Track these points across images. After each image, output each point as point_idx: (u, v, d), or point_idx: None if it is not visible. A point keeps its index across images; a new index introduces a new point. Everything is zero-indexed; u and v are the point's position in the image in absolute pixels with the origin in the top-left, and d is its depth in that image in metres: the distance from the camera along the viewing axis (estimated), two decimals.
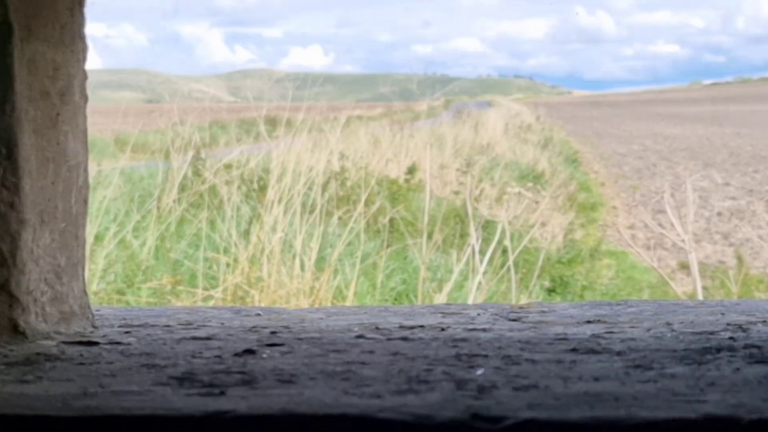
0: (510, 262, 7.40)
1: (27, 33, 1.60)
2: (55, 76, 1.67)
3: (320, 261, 9.45)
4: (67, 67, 1.70)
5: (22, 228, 1.60)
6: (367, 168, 13.78)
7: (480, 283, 7.52)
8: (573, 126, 60.60)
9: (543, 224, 13.68)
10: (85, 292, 1.74)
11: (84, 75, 1.74)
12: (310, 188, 10.21)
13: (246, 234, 9.52)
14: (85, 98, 1.74)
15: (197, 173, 12.64)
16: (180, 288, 8.68)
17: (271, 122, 15.95)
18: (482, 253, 7.80)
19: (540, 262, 9.03)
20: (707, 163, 26.44)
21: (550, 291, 11.77)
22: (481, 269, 7.31)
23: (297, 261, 9.03)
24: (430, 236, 9.13)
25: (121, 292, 8.91)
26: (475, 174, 14.88)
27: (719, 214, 19.74)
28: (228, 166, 12.79)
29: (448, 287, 7.90)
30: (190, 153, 12.90)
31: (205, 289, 8.70)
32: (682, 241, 6.64)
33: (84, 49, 1.74)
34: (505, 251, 8.74)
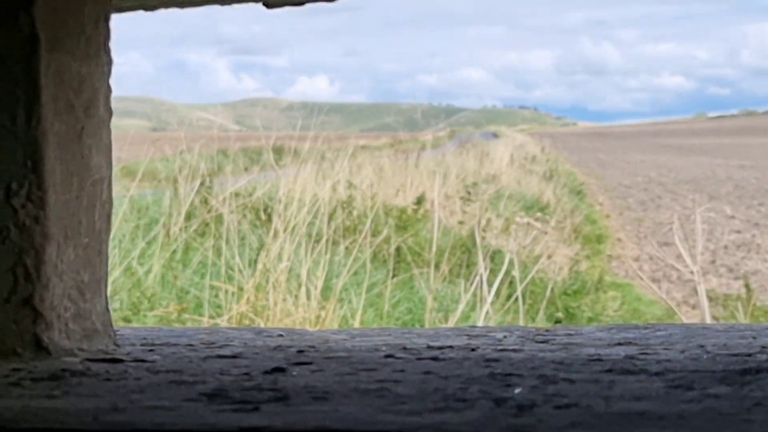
0: (518, 292, 7.37)
1: (53, 45, 1.60)
2: (80, 89, 1.66)
3: (326, 290, 9.43)
4: (92, 80, 1.69)
5: (47, 242, 1.59)
6: (374, 197, 13.78)
7: (488, 312, 7.50)
8: (578, 157, 60.70)
9: (549, 256, 13.67)
10: (107, 310, 1.73)
11: (108, 88, 1.73)
12: (315, 217, 10.22)
13: (252, 262, 9.51)
14: (110, 112, 1.74)
15: (204, 201, 12.64)
16: (186, 316, 8.68)
17: (278, 151, 15.99)
18: (489, 283, 7.79)
19: (547, 293, 8.99)
20: (712, 196, 26.46)
21: (556, 322, 11.75)
22: (489, 299, 7.28)
23: (303, 290, 9.02)
24: (437, 266, 9.12)
25: (126, 320, 8.89)
26: (481, 204, 14.88)
27: (725, 247, 19.73)
28: (235, 195, 12.79)
29: (455, 317, 7.88)
30: (197, 181, 12.90)
31: (211, 317, 8.68)
32: (691, 272, 6.62)
33: (109, 62, 1.74)
34: (511, 282, 8.73)
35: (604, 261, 18.41)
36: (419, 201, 14.14)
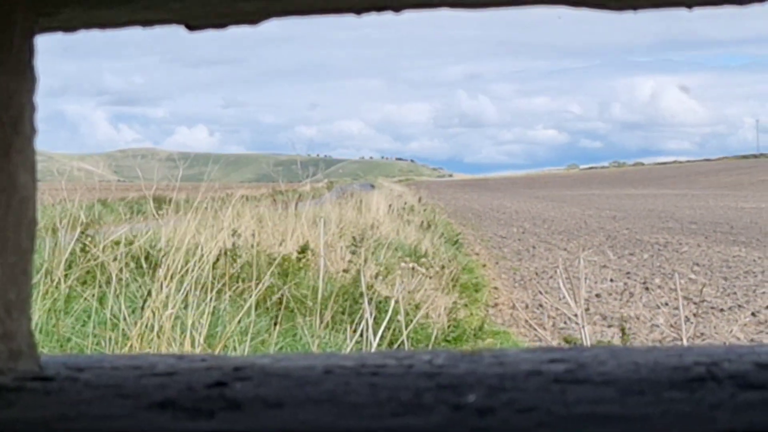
0: (404, 337, 7.50)
1: None
2: (8, 104, 1.65)
3: (211, 338, 9.46)
4: (20, 96, 1.68)
5: None
6: (258, 246, 13.83)
7: None
8: (454, 208, 61.39)
9: (430, 302, 13.86)
10: (31, 332, 1.68)
11: (33, 106, 1.72)
12: (200, 266, 10.23)
13: (136, 310, 9.49)
14: (35, 130, 1.72)
15: (85, 249, 12.54)
16: None
17: (158, 201, 15.93)
18: (374, 330, 7.91)
19: (432, 340, 9.14)
20: (585, 246, 27.02)
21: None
22: (374, 344, 7.40)
23: (188, 337, 9.04)
24: (321, 313, 9.21)
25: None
26: (362, 253, 15.04)
27: (597, 295, 20.16)
28: (116, 243, 12.72)
29: None
30: (78, 230, 12.80)
31: None
32: (575, 315, 6.84)
33: (34, 80, 1.72)
34: (394, 328, 8.87)
35: (481, 309, 18.66)
36: (303, 249, 14.22)
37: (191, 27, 1.75)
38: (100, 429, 1.24)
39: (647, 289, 20.78)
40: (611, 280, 22.28)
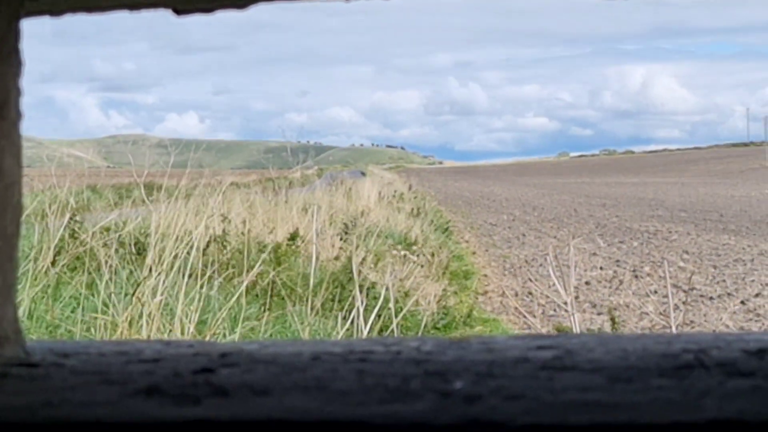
0: (394, 325, 7.50)
1: None
2: None
3: (201, 324, 9.46)
4: (5, 81, 1.66)
5: None
6: (249, 233, 13.82)
7: None
8: (444, 195, 61.44)
9: (420, 290, 13.87)
10: (17, 318, 1.67)
11: (18, 91, 1.70)
12: (189, 253, 10.22)
13: (125, 296, 9.47)
14: (20, 115, 1.70)
15: (74, 236, 12.53)
16: None
17: (147, 187, 15.90)
18: (364, 317, 7.91)
19: (422, 327, 9.15)
20: (575, 234, 27.06)
21: None
22: (365, 331, 7.41)
23: (177, 324, 9.03)
24: (312, 301, 9.20)
25: None
26: (353, 240, 15.05)
27: (587, 283, 20.20)
28: (106, 229, 12.71)
29: None
30: (67, 216, 12.77)
31: None
32: (565, 303, 6.84)
33: (19, 63, 1.70)
34: (383, 315, 8.87)
35: (471, 297, 18.68)
36: (293, 237, 14.22)
37: (178, 11, 1.72)
38: (85, 415, 1.24)
39: (637, 277, 20.83)
40: (601, 268, 22.32)
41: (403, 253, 12.01)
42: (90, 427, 1.22)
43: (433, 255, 20.35)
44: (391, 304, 7.97)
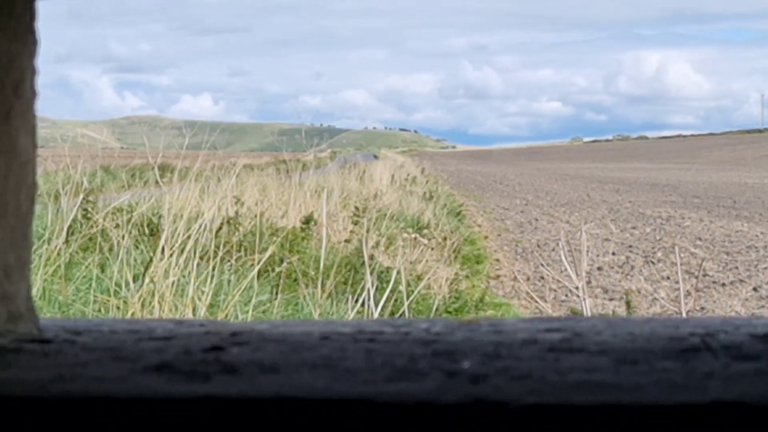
0: (405, 307, 7.52)
1: None
2: (9, 67, 1.64)
3: (213, 306, 9.49)
4: (21, 60, 1.67)
5: None
6: (262, 216, 13.85)
7: None
8: (456, 179, 61.42)
9: (432, 273, 13.88)
10: (30, 295, 1.69)
11: (34, 70, 1.71)
12: (201, 234, 10.25)
13: (137, 277, 9.51)
14: (35, 94, 1.71)
15: (87, 216, 12.57)
16: None
17: (161, 169, 15.95)
18: (376, 300, 7.93)
19: (433, 310, 9.16)
20: (587, 219, 27.02)
21: None
22: (376, 314, 7.42)
23: (189, 305, 9.07)
24: (323, 283, 9.22)
25: None
26: (364, 223, 15.06)
27: (599, 268, 20.20)
28: (118, 210, 12.75)
29: None
30: (80, 196, 12.81)
31: None
32: (576, 288, 6.85)
33: (35, 42, 1.71)
34: (396, 299, 8.89)
35: (483, 281, 18.70)
36: (307, 221, 14.23)
37: None
38: (96, 390, 1.26)
39: (649, 262, 20.82)
40: (613, 253, 22.32)
41: (413, 235, 12.00)
42: (101, 401, 1.24)
43: (445, 239, 20.35)
44: (401, 287, 7.97)
